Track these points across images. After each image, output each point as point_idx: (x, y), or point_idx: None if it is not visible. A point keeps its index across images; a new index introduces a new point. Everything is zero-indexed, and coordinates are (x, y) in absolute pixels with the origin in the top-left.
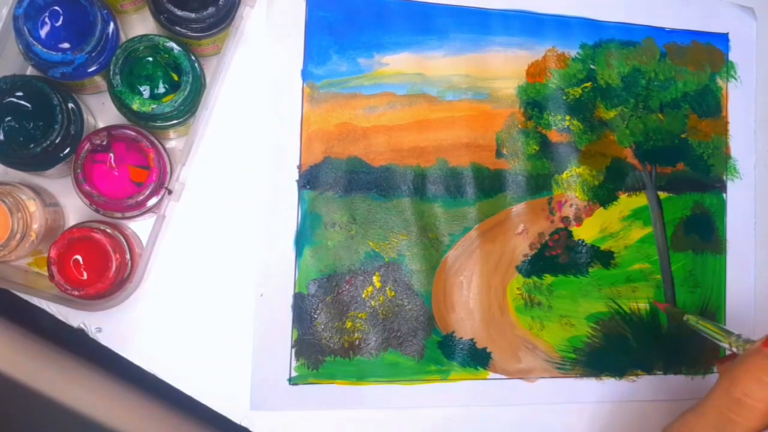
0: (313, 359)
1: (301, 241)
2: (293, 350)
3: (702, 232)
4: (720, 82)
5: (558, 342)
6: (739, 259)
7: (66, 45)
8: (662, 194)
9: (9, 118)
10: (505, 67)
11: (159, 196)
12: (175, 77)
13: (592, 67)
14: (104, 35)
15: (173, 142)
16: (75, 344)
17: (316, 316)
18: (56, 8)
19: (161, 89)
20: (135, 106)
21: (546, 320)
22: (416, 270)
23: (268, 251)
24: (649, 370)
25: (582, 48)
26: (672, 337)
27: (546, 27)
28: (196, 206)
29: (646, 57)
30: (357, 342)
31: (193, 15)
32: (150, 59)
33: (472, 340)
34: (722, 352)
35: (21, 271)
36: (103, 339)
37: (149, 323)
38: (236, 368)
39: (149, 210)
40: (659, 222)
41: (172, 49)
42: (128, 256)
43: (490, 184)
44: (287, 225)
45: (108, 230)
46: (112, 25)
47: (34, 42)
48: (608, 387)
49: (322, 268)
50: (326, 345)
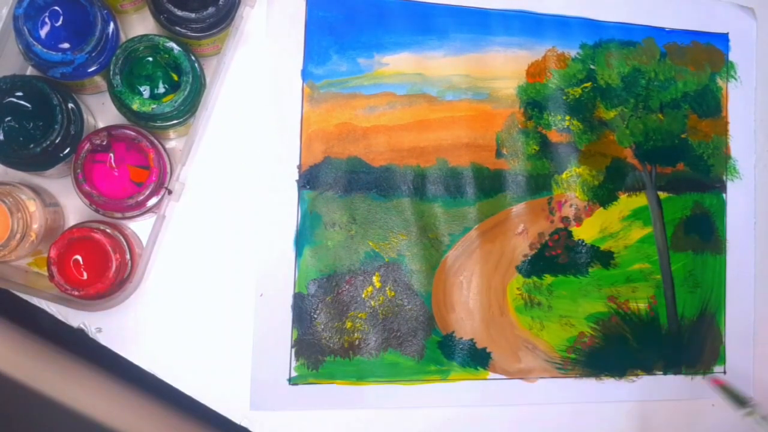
0: (313, 359)
1: (301, 241)
2: (293, 350)
3: (702, 232)
4: (720, 82)
5: (558, 342)
6: (739, 259)
7: (66, 45)
8: (662, 194)
9: (9, 118)
10: (505, 67)
11: (159, 196)
12: (175, 77)
13: (592, 67)
14: (104, 35)
15: (173, 142)
16: (75, 344)
17: (316, 316)
18: (56, 8)
19: (161, 89)
20: (135, 106)
21: (546, 320)
22: (416, 270)
23: (268, 251)
24: (649, 370)
25: (582, 48)
26: (672, 337)
27: (546, 27)
28: (196, 206)
29: (646, 57)
30: (357, 342)
31: (193, 15)
32: (150, 59)
33: (472, 340)
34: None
35: (21, 271)
36: (103, 339)
37: (149, 323)
38: (236, 368)
39: (149, 210)
40: (659, 222)
41: (172, 49)
42: (128, 256)
43: (490, 184)
44: (287, 225)
45: (108, 230)
46: (112, 25)
47: (34, 42)
48: (608, 387)
49: (322, 268)
50: (326, 345)
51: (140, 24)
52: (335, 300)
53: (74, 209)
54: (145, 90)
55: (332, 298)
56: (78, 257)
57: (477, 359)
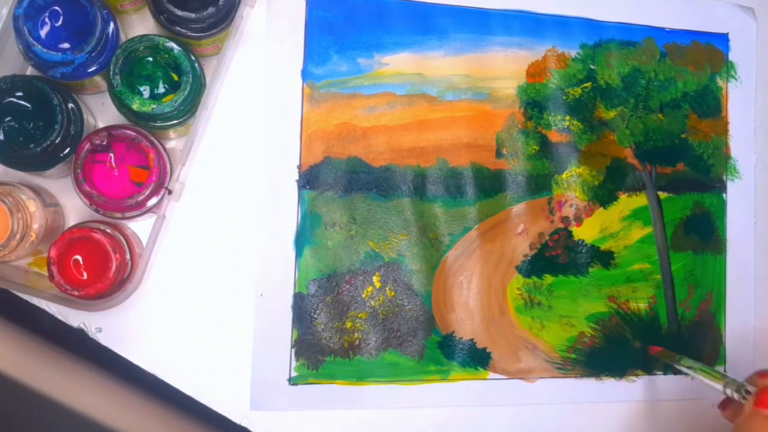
0: (313, 359)
1: (301, 241)
2: (293, 350)
3: (702, 232)
4: (720, 82)
5: (558, 342)
6: (739, 259)
7: (66, 45)
8: (662, 194)
9: (9, 118)
10: (505, 67)
11: (159, 196)
12: (175, 77)
13: (592, 67)
14: (104, 35)
15: (173, 142)
16: (75, 344)
17: (316, 316)
18: (56, 8)
19: (161, 89)
20: (135, 106)
21: (546, 320)
22: (416, 270)
23: (268, 251)
24: (649, 370)
25: (582, 48)
26: (672, 337)
27: (546, 27)
28: (196, 206)
29: (646, 57)
30: (357, 342)
31: (193, 15)
32: (150, 59)
33: (472, 340)
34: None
35: (21, 271)
36: (103, 339)
37: (149, 323)
38: (236, 368)
39: (149, 210)
40: (659, 222)
41: (172, 49)
42: (128, 256)
43: (490, 184)
44: (287, 225)
45: (108, 230)
46: (112, 25)
47: (34, 42)
48: (608, 387)
49: (322, 268)
50: (326, 345)
51: (140, 24)
52: (335, 300)
53: (74, 209)
54: (145, 90)
55: (332, 298)
56: (78, 257)
57: (477, 359)
